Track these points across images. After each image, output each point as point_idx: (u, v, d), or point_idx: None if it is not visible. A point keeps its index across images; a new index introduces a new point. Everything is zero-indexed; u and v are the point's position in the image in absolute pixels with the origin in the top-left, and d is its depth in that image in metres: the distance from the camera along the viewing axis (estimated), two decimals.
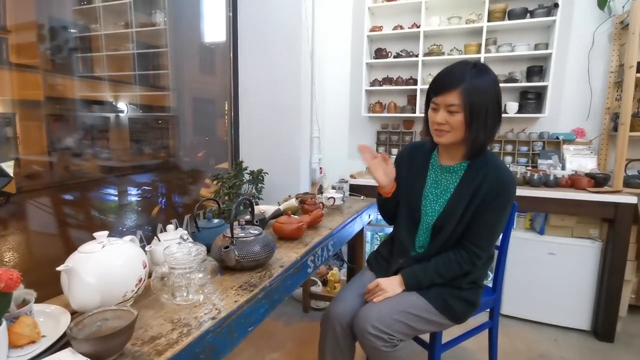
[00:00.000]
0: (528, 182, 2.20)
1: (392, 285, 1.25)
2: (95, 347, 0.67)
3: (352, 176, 2.58)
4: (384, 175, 1.31)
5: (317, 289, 2.44)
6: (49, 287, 0.90)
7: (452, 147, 1.22)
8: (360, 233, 2.05)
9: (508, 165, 2.10)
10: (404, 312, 1.19)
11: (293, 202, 1.68)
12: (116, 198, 1.81)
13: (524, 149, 2.55)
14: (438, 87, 1.14)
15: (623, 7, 2.29)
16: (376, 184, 1.34)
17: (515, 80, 2.47)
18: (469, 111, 1.10)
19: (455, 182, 1.24)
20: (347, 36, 2.95)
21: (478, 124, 1.11)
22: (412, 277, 1.24)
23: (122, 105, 1.80)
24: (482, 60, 2.35)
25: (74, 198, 1.64)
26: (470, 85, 1.09)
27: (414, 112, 2.70)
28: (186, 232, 1.02)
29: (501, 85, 1.27)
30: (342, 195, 1.88)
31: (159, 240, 1.10)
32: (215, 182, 2.02)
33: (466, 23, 2.51)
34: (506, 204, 1.18)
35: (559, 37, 2.29)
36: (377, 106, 2.85)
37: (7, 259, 1.31)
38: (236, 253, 1.05)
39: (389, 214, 1.42)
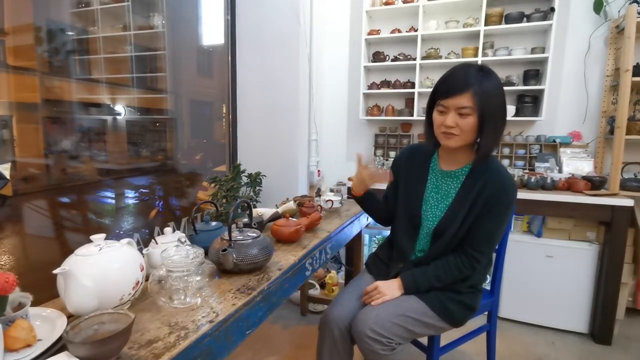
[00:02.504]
0: (525, 185, 2.20)
1: (390, 288, 1.24)
2: (91, 350, 0.66)
3: (350, 179, 2.58)
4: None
5: (315, 292, 2.44)
6: (45, 291, 0.89)
7: (456, 151, 1.22)
8: (358, 236, 2.04)
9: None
10: (402, 316, 1.18)
11: (291, 205, 1.68)
12: (113, 201, 1.80)
13: (521, 152, 2.56)
14: (446, 89, 1.12)
15: (619, 11, 2.31)
16: (376, 187, 1.36)
17: (512, 84, 2.49)
18: (481, 114, 1.09)
19: (456, 187, 1.23)
20: (345, 40, 2.96)
21: (489, 128, 1.11)
22: (411, 281, 1.24)
23: (119, 107, 1.80)
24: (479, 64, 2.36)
25: (71, 201, 1.63)
26: (480, 89, 1.08)
27: (412, 115, 2.70)
28: (184, 234, 1.02)
29: None
30: (340, 198, 1.88)
31: (157, 243, 1.10)
32: (213, 184, 2.01)
33: (463, 27, 2.53)
34: (507, 209, 1.18)
35: (555, 41, 2.30)
36: (375, 109, 2.86)
37: (2, 262, 1.30)
38: (234, 256, 1.05)
39: (376, 214, 1.45)
